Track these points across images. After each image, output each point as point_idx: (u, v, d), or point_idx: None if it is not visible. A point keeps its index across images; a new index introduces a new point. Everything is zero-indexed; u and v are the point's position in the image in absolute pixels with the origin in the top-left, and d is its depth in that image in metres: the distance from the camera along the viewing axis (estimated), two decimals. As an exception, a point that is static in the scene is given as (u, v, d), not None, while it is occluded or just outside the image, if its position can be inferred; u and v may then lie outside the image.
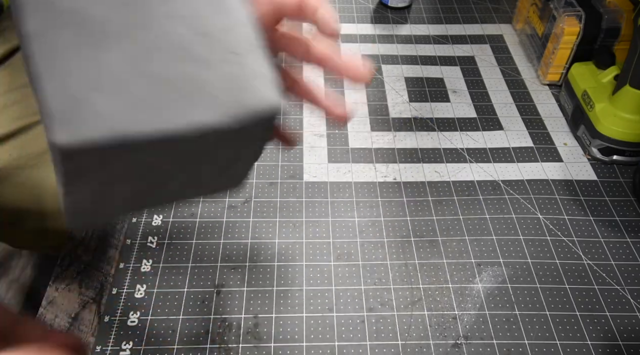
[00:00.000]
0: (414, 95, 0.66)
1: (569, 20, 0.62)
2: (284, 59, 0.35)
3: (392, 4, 0.79)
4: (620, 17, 0.62)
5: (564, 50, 0.63)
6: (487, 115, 0.63)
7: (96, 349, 0.43)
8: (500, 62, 0.71)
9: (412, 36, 0.75)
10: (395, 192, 0.55)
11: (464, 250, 0.50)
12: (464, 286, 0.47)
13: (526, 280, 0.48)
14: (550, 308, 0.46)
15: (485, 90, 0.67)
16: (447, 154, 0.59)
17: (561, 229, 0.51)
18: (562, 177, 0.56)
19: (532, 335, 0.44)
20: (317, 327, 0.44)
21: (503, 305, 0.46)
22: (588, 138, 0.58)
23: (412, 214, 0.53)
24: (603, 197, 0.55)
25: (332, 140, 0.60)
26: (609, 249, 0.50)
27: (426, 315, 0.45)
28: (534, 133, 0.61)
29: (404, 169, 0.57)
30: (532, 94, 0.67)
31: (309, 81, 0.35)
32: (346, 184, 0.55)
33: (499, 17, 0.79)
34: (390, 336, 0.44)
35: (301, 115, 0.63)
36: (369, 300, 0.46)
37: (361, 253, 0.49)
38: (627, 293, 0.47)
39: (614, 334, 0.44)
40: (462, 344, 0.44)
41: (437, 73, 0.69)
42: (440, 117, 0.63)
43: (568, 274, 0.48)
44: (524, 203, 0.54)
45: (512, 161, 0.58)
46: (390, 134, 0.61)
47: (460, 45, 0.74)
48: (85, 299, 0.46)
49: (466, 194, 0.55)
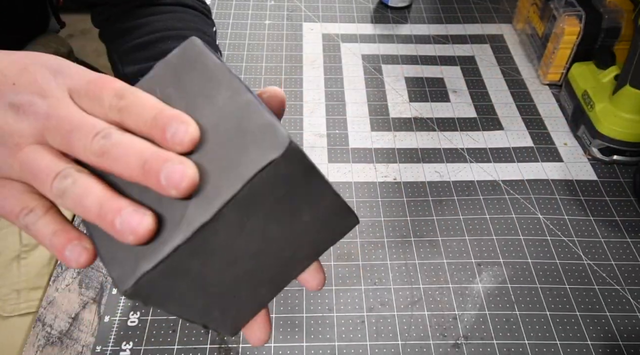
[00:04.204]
0: (414, 95, 0.66)
1: (569, 20, 0.62)
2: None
3: (392, 4, 0.79)
4: (621, 17, 0.62)
5: (564, 50, 0.63)
6: (487, 115, 0.63)
7: (96, 349, 0.43)
8: (501, 62, 0.71)
9: (412, 36, 0.75)
10: (395, 192, 0.55)
11: (464, 250, 0.50)
12: (464, 286, 0.47)
13: (526, 280, 0.48)
14: (550, 308, 0.46)
15: (485, 90, 0.67)
16: (447, 154, 0.59)
17: (561, 229, 0.51)
18: (562, 177, 0.56)
19: (532, 335, 0.44)
20: (317, 327, 0.44)
21: (503, 305, 0.46)
22: (588, 138, 0.58)
23: (412, 214, 0.53)
24: (603, 197, 0.54)
25: (332, 140, 0.60)
26: (609, 249, 0.50)
27: (426, 315, 0.45)
28: (534, 133, 0.61)
29: (404, 169, 0.57)
30: (532, 93, 0.67)
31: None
32: (346, 184, 0.55)
33: (499, 17, 0.79)
34: (390, 336, 0.44)
35: (301, 115, 0.63)
36: (369, 300, 0.46)
37: (361, 253, 0.49)
38: (627, 293, 0.47)
39: (614, 334, 0.44)
40: (462, 344, 0.44)
41: (437, 73, 0.69)
42: (441, 117, 0.63)
43: (568, 274, 0.48)
44: (524, 203, 0.54)
45: (512, 161, 0.58)
46: (390, 134, 0.61)
47: (461, 45, 0.74)
48: (85, 299, 0.46)
49: (466, 194, 0.55)
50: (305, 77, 0.68)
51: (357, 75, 0.69)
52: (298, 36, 0.74)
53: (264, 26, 0.76)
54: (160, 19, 0.54)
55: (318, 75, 0.68)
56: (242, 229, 0.23)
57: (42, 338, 0.44)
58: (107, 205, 0.22)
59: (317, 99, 0.65)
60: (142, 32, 0.54)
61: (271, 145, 0.21)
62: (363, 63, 0.70)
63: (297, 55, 0.71)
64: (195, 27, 0.55)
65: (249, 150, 0.22)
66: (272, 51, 0.72)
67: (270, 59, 0.71)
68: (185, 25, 0.55)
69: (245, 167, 0.21)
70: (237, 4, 0.80)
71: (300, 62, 0.70)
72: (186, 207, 0.22)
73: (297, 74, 0.68)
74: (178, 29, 0.54)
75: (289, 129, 0.61)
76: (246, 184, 0.21)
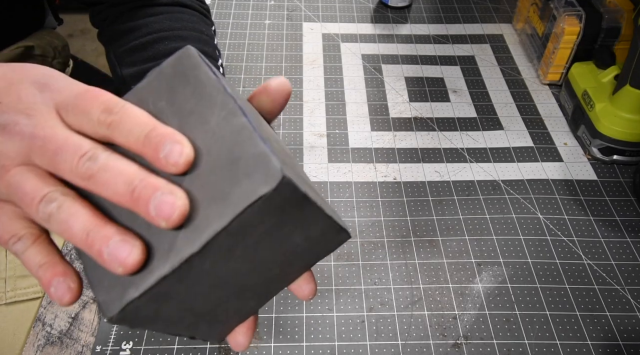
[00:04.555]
0: (414, 95, 0.66)
1: (569, 19, 0.62)
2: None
3: (392, 4, 0.79)
4: (621, 16, 0.62)
5: (564, 50, 0.63)
6: (487, 115, 0.63)
7: (96, 349, 0.43)
8: (501, 62, 0.71)
9: (412, 36, 0.75)
10: (395, 192, 0.55)
11: (464, 250, 0.50)
12: (464, 286, 0.47)
13: (526, 280, 0.48)
14: (550, 308, 0.46)
15: (485, 90, 0.67)
16: (447, 153, 0.59)
17: (561, 229, 0.51)
18: (562, 177, 0.56)
19: (532, 335, 0.44)
20: (317, 327, 0.44)
21: (503, 305, 0.46)
22: (588, 138, 0.58)
23: (412, 214, 0.53)
24: (603, 197, 0.54)
25: (332, 140, 0.60)
26: (609, 249, 0.50)
27: (426, 315, 0.45)
28: (534, 133, 0.61)
29: (404, 168, 0.57)
30: (532, 93, 0.67)
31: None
32: (346, 184, 0.55)
33: (499, 17, 0.79)
34: (390, 336, 0.44)
35: (301, 115, 0.63)
36: (369, 300, 0.46)
37: (361, 253, 0.49)
38: (627, 293, 0.47)
39: (614, 334, 0.44)
40: (462, 344, 0.44)
41: (437, 73, 0.69)
42: (441, 116, 0.63)
43: (568, 274, 0.48)
44: (524, 203, 0.54)
45: (512, 161, 0.58)
46: (390, 134, 0.61)
47: (461, 45, 0.74)
48: (85, 299, 0.46)
49: (466, 193, 0.55)
50: (305, 77, 0.68)
51: (357, 75, 0.69)
52: (298, 36, 0.74)
53: (264, 26, 0.76)
54: (157, 19, 0.54)
55: (318, 75, 0.68)
56: (231, 256, 0.23)
57: (42, 338, 0.44)
58: (94, 234, 0.21)
59: (317, 98, 0.65)
60: (139, 33, 0.54)
61: (263, 177, 0.21)
62: (363, 63, 0.70)
63: (297, 55, 0.71)
64: (193, 27, 0.55)
65: (241, 182, 0.21)
66: (272, 51, 0.72)
67: (270, 59, 0.71)
68: (182, 25, 0.54)
69: (236, 199, 0.21)
70: (237, 4, 0.80)
71: (300, 62, 0.70)
72: (175, 236, 0.21)
73: (297, 74, 0.68)
74: (175, 29, 0.54)
75: (289, 129, 0.61)
76: (236, 217, 0.21)
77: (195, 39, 0.54)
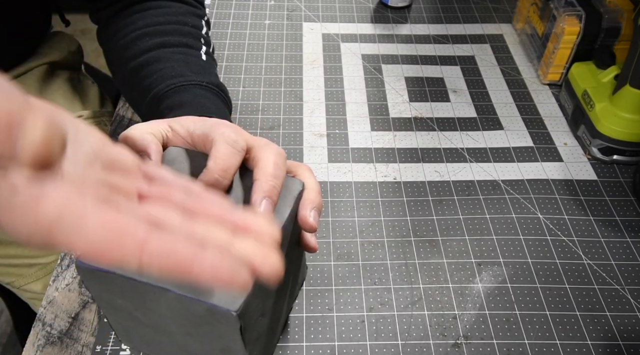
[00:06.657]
0: (414, 95, 0.66)
1: (569, 19, 0.62)
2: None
3: (392, 4, 0.79)
4: (621, 16, 0.62)
5: (564, 50, 0.63)
6: (487, 115, 0.63)
7: (96, 349, 0.43)
8: (501, 62, 0.71)
9: (412, 36, 0.75)
10: (395, 192, 0.55)
11: (464, 250, 0.50)
12: (464, 286, 0.47)
13: (526, 280, 0.48)
14: (550, 308, 0.46)
15: (485, 89, 0.67)
16: (447, 153, 0.59)
17: (561, 229, 0.51)
18: (562, 177, 0.56)
19: (532, 335, 0.44)
20: (317, 327, 0.44)
21: (503, 305, 0.46)
22: (588, 138, 0.58)
23: (412, 213, 0.53)
24: (603, 197, 0.54)
25: (332, 140, 0.60)
26: (609, 249, 0.50)
27: (426, 315, 0.45)
28: (534, 133, 0.61)
29: (404, 168, 0.57)
30: (532, 93, 0.67)
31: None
32: (346, 184, 0.55)
33: (499, 17, 0.79)
34: (390, 336, 0.44)
35: (301, 115, 0.63)
36: (369, 300, 0.46)
37: (361, 253, 0.49)
38: (627, 293, 0.47)
39: (614, 334, 0.44)
40: (462, 344, 0.44)
41: (437, 73, 0.69)
42: (441, 116, 0.63)
43: (568, 273, 0.48)
44: (524, 203, 0.54)
45: (512, 161, 0.58)
46: (390, 134, 0.61)
47: (460, 45, 0.74)
48: (85, 299, 0.46)
49: (466, 193, 0.55)
50: (305, 77, 0.68)
51: (357, 75, 0.69)
52: (298, 36, 0.74)
53: (264, 26, 0.76)
54: (142, 16, 0.54)
55: (318, 75, 0.68)
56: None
57: (42, 338, 0.44)
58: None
59: (317, 98, 0.65)
60: (125, 31, 0.53)
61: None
62: (363, 63, 0.70)
63: (297, 55, 0.71)
64: (177, 20, 0.54)
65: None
66: (272, 51, 0.72)
67: (270, 58, 0.71)
68: (165, 19, 0.54)
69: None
70: (237, 4, 0.80)
71: (300, 62, 0.70)
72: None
73: (297, 74, 0.68)
74: (159, 24, 0.53)
75: (289, 129, 0.61)
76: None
77: (176, 32, 0.53)
